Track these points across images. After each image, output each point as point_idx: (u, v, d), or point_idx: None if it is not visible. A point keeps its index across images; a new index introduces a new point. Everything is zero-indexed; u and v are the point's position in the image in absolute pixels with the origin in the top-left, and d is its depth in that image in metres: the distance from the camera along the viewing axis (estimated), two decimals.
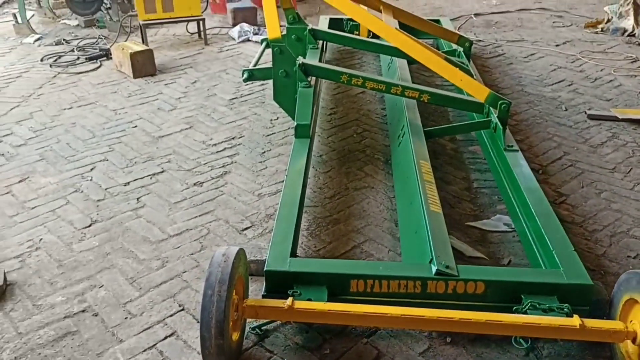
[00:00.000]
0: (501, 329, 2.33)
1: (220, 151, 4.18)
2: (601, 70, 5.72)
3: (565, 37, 6.75)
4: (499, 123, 3.61)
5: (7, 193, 3.70)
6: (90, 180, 3.83)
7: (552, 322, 2.30)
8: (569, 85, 5.36)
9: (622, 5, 6.99)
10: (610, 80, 5.46)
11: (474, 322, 2.31)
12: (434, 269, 2.50)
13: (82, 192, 3.70)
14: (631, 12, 6.80)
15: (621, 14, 6.92)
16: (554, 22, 7.35)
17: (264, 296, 2.54)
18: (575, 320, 2.28)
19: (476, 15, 7.64)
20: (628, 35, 6.69)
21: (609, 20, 7.03)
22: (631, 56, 6.07)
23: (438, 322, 2.35)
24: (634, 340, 2.26)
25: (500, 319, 2.31)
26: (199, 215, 3.44)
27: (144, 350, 2.52)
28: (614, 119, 4.60)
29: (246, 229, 3.32)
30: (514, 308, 2.43)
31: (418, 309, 2.37)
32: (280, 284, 2.51)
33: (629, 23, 6.78)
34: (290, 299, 2.38)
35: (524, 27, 7.15)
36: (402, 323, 2.38)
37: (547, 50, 6.28)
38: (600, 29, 6.98)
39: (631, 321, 2.31)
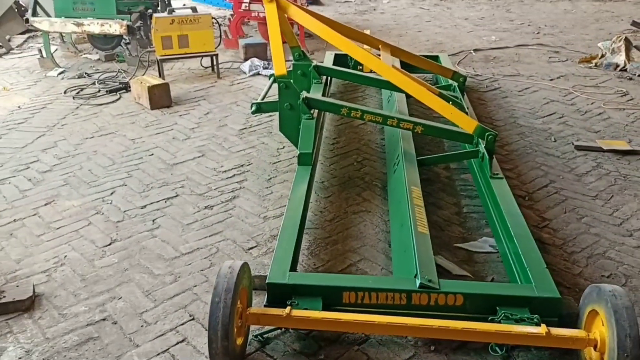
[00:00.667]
0: (476, 335, 2.61)
1: (230, 177, 4.52)
2: (592, 103, 6.03)
3: (560, 71, 7.09)
4: (486, 153, 3.91)
5: (34, 215, 4.04)
6: (111, 203, 4.17)
7: (521, 330, 2.58)
8: (560, 117, 5.67)
9: (615, 42, 7.35)
10: (600, 113, 5.76)
11: (452, 330, 2.59)
12: (418, 282, 2.78)
13: (102, 214, 4.04)
14: (623, 48, 7.15)
15: (614, 50, 7.27)
16: (550, 58, 7.70)
17: (265, 306, 2.83)
18: (543, 329, 2.56)
19: (476, 50, 8.01)
20: (620, 70, 7.01)
21: (602, 56, 7.37)
22: (621, 90, 6.38)
23: (420, 330, 2.63)
24: (595, 347, 2.52)
25: (475, 327, 2.59)
26: (209, 236, 3.76)
27: (158, 354, 2.81)
28: (599, 149, 4.89)
29: (252, 248, 3.63)
30: (489, 318, 2.70)
31: (402, 317, 2.65)
32: (280, 295, 2.81)
33: (621, 59, 7.12)
34: (288, 307, 2.68)
35: (521, 62, 7.50)
36: (388, 330, 2.67)
37: (541, 85, 6.61)
38: (594, 64, 7.31)
39: (593, 330, 2.58)
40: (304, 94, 4.22)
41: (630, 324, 2.37)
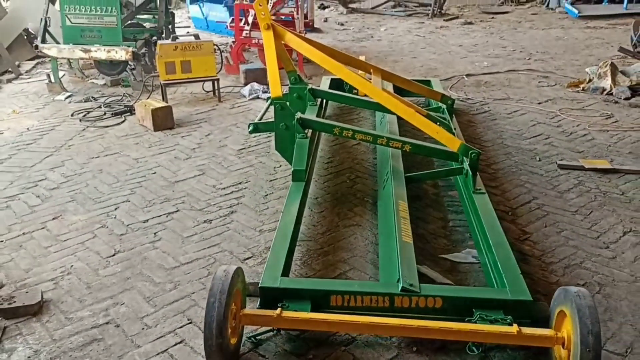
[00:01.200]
0: (452, 334, 2.81)
1: (228, 194, 4.75)
2: (577, 125, 6.27)
3: (548, 95, 7.35)
4: (469, 169, 4.14)
5: (42, 228, 4.27)
6: (115, 217, 4.40)
7: (494, 329, 2.77)
8: (546, 138, 5.91)
9: (601, 67, 7.62)
10: (584, 135, 6.00)
11: (430, 329, 2.80)
12: (400, 286, 2.99)
13: (107, 227, 4.26)
14: (609, 73, 7.42)
15: (600, 75, 7.54)
16: (539, 82, 7.97)
17: (258, 308, 3.03)
18: (514, 328, 2.76)
19: (468, 75, 8.30)
20: (606, 94, 7.27)
21: (590, 81, 7.64)
22: (606, 113, 6.62)
23: (400, 329, 2.84)
24: (563, 345, 2.72)
25: (451, 326, 2.79)
26: (207, 247, 3.98)
27: (158, 354, 3.01)
28: (582, 168, 5.11)
29: (248, 258, 3.85)
30: (466, 319, 2.90)
31: (385, 318, 2.85)
32: (272, 298, 3.02)
33: (607, 83, 7.38)
34: (279, 309, 2.89)
35: (511, 87, 7.77)
36: (370, 329, 2.88)
37: (529, 108, 6.86)
38: (581, 88, 7.57)
39: (562, 329, 2.77)
40: (299, 114, 4.47)
41: (593, 321, 2.57)
